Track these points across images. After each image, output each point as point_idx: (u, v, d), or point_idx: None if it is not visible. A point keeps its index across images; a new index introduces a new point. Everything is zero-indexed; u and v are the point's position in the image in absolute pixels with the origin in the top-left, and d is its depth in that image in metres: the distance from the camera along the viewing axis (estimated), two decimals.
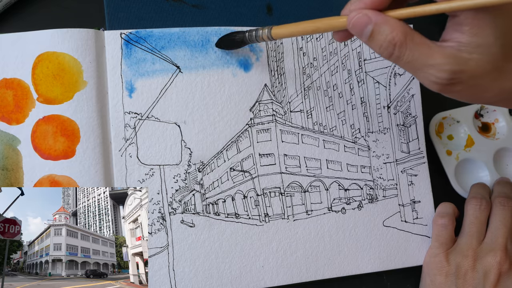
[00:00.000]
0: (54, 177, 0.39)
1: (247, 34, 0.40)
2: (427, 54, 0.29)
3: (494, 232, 0.43)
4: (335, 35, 0.34)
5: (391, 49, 0.30)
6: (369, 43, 0.31)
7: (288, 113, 0.45)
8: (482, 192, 0.47)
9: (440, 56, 0.29)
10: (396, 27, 0.29)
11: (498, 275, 0.42)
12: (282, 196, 0.44)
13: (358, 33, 0.31)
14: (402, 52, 0.30)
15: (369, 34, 0.30)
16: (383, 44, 0.30)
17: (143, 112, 0.41)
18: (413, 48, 0.29)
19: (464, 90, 0.30)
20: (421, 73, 0.30)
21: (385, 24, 0.30)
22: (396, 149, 0.48)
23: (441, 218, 0.45)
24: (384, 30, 0.30)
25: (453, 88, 0.30)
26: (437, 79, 0.30)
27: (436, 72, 0.29)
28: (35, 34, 0.40)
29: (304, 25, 0.35)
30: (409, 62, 0.30)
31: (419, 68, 0.30)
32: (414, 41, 0.29)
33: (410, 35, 0.29)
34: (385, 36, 0.30)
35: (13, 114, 0.39)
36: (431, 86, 0.31)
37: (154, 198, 0.41)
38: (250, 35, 0.40)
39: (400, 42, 0.29)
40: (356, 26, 0.30)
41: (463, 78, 0.29)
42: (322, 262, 0.44)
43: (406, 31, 0.29)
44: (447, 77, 0.29)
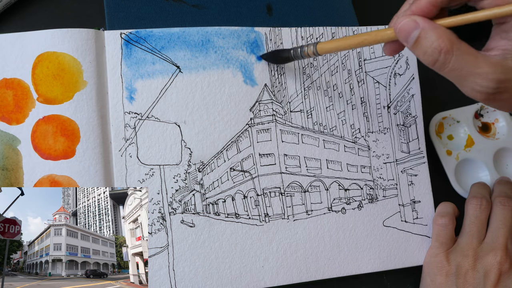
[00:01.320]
0: (54, 177, 0.39)
1: (292, 52, 0.41)
2: (473, 63, 0.29)
3: (495, 231, 0.43)
4: (385, 49, 0.34)
5: (436, 56, 0.30)
6: (414, 49, 0.31)
7: (288, 113, 0.45)
8: (483, 191, 0.47)
9: (486, 65, 0.29)
10: (443, 34, 0.30)
11: (498, 274, 0.42)
12: (282, 196, 0.44)
13: (404, 38, 0.31)
14: (448, 59, 0.30)
15: (415, 40, 0.30)
16: (428, 51, 0.30)
17: (143, 112, 0.41)
18: (459, 56, 0.29)
19: (509, 99, 0.30)
20: (465, 82, 0.30)
21: (432, 30, 0.30)
22: (396, 149, 0.48)
23: (441, 217, 0.45)
24: (431, 36, 0.30)
25: (498, 97, 0.30)
26: (482, 88, 0.30)
27: (482, 81, 0.29)
28: (35, 34, 0.40)
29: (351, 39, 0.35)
30: (454, 70, 0.30)
31: (464, 77, 0.30)
32: (461, 49, 0.30)
33: (457, 44, 0.30)
34: (431, 42, 0.30)
35: (13, 114, 0.39)
36: (475, 96, 0.31)
37: (154, 198, 0.41)
38: (295, 52, 0.40)
39: (446, 49, 0.29)
40: (403, 30, 0.31)
41: (508, 87, 0.29)
42: (322, 262, 0.44)
43: (452, 39, 0.30)
44: (493, 86, 0.29)
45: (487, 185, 0.48)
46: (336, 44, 0.36)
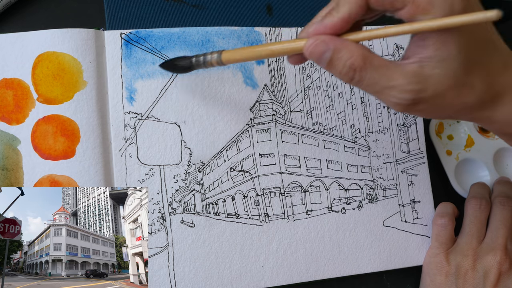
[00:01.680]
0: (54, 177, 0.39)
1: (194, 60, 0.37)
2: (387, 76, 0.29)
3: (494, 232, 0.43)
4: (289, 59, 0.33)
5: (351, 74, 0.29)
6: (329, 69, 0.30)
7: (288, 113, 0.45)
8: (482, 192, 0.47)
9: (400, 76, 0.28)
10: (355, 51, 0.29)
11: (498, 274, 0.42)
12: (282, 196, 0.44)
13: (317, 60, 0.30)
14: (363, 76, 0.29)
15: (328, 61, 0.30)
16: (343, 70, 0.29)
17: (143, 112, 0.41)
18: (372, 71, 0.29)
19: (427, 109, 0.30)
20: (383, 95, 0.30)
21: (344, 49, 0.29)
22: (396, 149, 0.48)
23: (441, 218, 0.45)
24: (343, 56, 0.29)
25: (416, 107, 0.30)
26: (399, 100, 0.29)
27: (398, 93, 0.29)
28: (35, 34, 0.40)
29: (259, 49, 0.33)
30: (370, 85, 0.30)
31: (380, 91, 0.30)
32: (373, 64, 0.29)
33: (369, 58, 0.29)
34: (344, 61, 0.29)
35: (13, 114, 0.39)
36: (394, 107, 0.30)
37: (154, 198, 0.41)
38: (197, 61, 0.37)
39: (360, 67, 0.29)
40: (314, 53, 0.30)
41: (425, 97, 0.29)
42: (322, 262, 0.44)
43: (364, 55, 0.29)
44: (410, 97, 0.29)
45: (487, 185, 0.48)
46: (242, 53, 0.34)
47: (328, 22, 0.29)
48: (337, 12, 0.29)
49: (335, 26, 0.29)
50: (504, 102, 0.31)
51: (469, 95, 0.30)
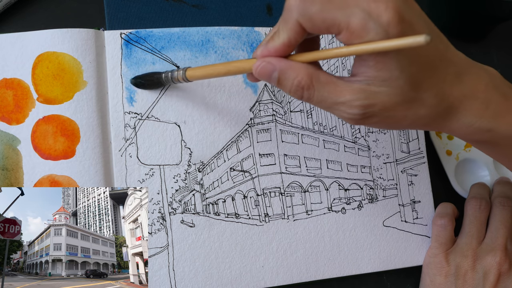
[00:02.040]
0: (54, 177, 0.39)
1: (163, 76, 0.39)
2: (335, 92, 0.29)
3: (494, 232, 0.43)
4: (249, 77, 0.34)
5: (300, 93, 0.30)
6: (280, 87, 0.31)
7: (288, 113, 0.45)
8: (482, 192, 0.47)
9: (348, 92, 0.29)
10: (301, 71, 0.29)
11: (498, 275, 0.42)
12: (282, 196, 0.44)
13: (267, 80, 0.31)
14: (311, 94, 0.30)
15: (276, 80, 0.30)
16: (292, 89, 0.30)
17: (143, 112, 0.41)
18: (320, 89, 0.30)
19: (379, 122, 0.30)
20: (333, 110, 0.30)
21: (289, 70, 0.30)
22: (396, 149, 0.48)
23: (441, 218, 0.45)
24: (289, 75, 0.30)
25: (367, 121, 0.30)
26: (349, 115, 0.30)
27: (347, 109, 0.29)
28: (35, 34, 0.40)
29: (217, 67, 0.35)
30: (319, 102, 0.30)
31: (330, 107, 0.30)
32: (320, 82, 0.29)
33: (316, 76, 0.29)
34: (291, 81, 0.30)
35: (13, 114, 0.39)
36: (347, 121, 0.31)
37: (154, 198, 0.41)
38: (166, 77, 0.39)
39: (307, 85, 0.29)
40: (262, 74, 0.31)
41: (375, 111, 0.29)
42: (322, 262, 0.44)
43: (310, 73, 0.29)
44: (359, 112, 0.29)
45: (487, 186, 0.48)
46: (204, 71, 0.36)
47: (271, 47, 0.30)
48: (278, 38, 0.30)
49: (278, 50, 0.30)
50: (459, 112, 0.31)
51: (420, 109, 0.30)
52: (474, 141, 0.35)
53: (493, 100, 0.31)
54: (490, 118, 0.31)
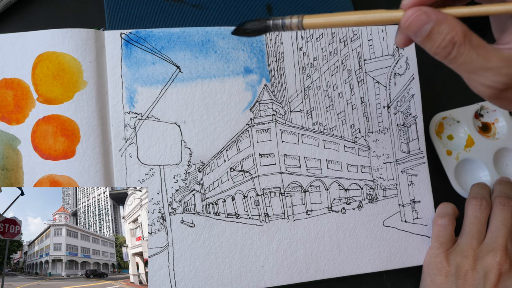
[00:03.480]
0: (54, 177, 0.39)
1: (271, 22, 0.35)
2: (484, 57, 0.28)
3: (494, 232, 0.43)
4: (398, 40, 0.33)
5: (449, 49, 0.29)
6: (425, 42, 0.30)
7: (288, 113, 0.45)
8: (482, 192, 0.47)
9: (498, 59, 0.28)
10: (456, 26, 0.29)
11: (498, 275, 0.42)
12: (282, 196, 0.44)
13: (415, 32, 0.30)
14: (460, 52, 0.29)
15: (427, 33, 0.29)
16: (442, 44, 0.29)
17: (143, 112, 0.41)
18: (471, 50, 0.29)
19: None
20: (475, 76, 0.29)
21: (445, 23, 0.29)
22: (396, 149, 0.48)
23: (441, 218, 0.45)
24: (443, 29, 0.29)
25: (506, 93, 0.29)
26: (492, 83, 0.29)
27: (492, 76, 0.28)
28: (35, 34, 0.40)
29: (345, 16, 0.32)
30: (465, 63, 0.29)
31: (474, 71, 0.29)
32: (473, 43, 0.29)
33: (469, 36, 0.29)
34: (444, 35, 0.29)
35: (13, 114, 0.39)
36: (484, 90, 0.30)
37: (154, 198, 0.41)
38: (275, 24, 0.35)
39: (460, 42, 0.29)
40: (414, 24, 0.29)
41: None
42: (322, 262, 0.44)
43: (465, 31, 0.29)
44: (504, 81, 0.28)
45: (487, 186, 0.48)
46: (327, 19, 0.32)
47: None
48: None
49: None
50: None
51: None
52: None
53: None
54: None
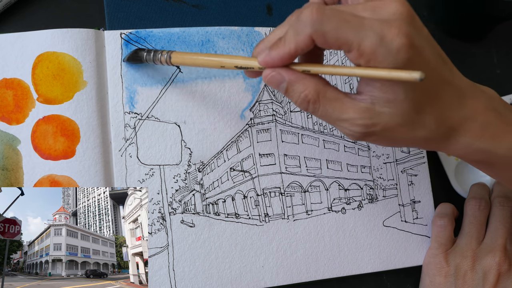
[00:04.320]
0: (54, 177, 0.39)
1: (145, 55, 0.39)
2: (340, 109, 0.30)
3: (494, 232, 0.43)
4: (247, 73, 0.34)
5: (305, 105, 0.31)
6: (287, 97, 0.32)
7: (288, 113, 0.45)
8: (482, 192, 0.46)
9: (353, 111, 0.30)
10: (309, 85, 0.30)
11: (497, 275, 0.42)
12: (282, 196, 0.44)
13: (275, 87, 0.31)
14: (316, 108, 0.31)
15: (284, 91, 0.31)
16: (298, 101, 0.31)
17: (143, 112, 0.41)
18: (326, 104, 0.30)
19: (379, 140, 0.32)
20: (336, 125, 0.31)
21: (298, 83, 0.30)
22: (396, 149, 0.48)
23: (440, 219, 0.45)
24: (297, 88, 0.30)
25: (367, 138, 0.31)
26: (350, 132, 0.31)
27: (350, 126, 0.30)
28: (35, 34, 0.40)
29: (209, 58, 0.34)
30: (323, 116, 0.31)
31: (334, 122, 0.31)
32: (327, 97, 0.30)
33: (323, 92, 0.30)
34: (298, 93, 0.30)
35: (13, 114, 0.39)
36: (348, 137, 0.32)
37: (154, 198, 0.41)
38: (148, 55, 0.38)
39: (314, 100, 0.30)
40: (272, 82, 0.31)
41: (376, 131, 0.30)
42: (322, 262, 0.44)
43: (318, 89, 0.30)
44: (360, 130, 0.30)
45: (487, 186, 0.48)
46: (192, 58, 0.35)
47: (276, 55, 0.30)
48: (284, 46, 0.29)
49: (283, 59, 0.30)
50: (458, 134, 0.32)
51: (421, 131, 0.31)
52: (473, 161, 0.35)
53: (492, 122, 0.32)
54: (488, 140, 0.32)
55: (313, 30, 0.28)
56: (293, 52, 0.29)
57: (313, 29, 0.28)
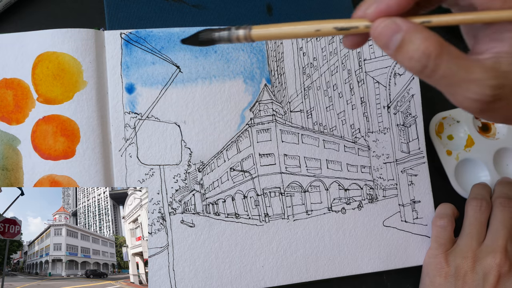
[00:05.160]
0: (54, 177, 0.39)
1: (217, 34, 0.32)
2: (466, 68, 0.26)
3: (494, 233, 0.43)
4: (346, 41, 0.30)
5: (424, 61, 0.26)
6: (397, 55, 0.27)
7: (288, 113, 0.45)
8: (483, 192, 0.46)
9: (480, 70, 0.26)
10: (430, 36, 0.26)
11: (497, 277, 0.41)
12: (282, 196, 0.44)
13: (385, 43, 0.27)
14: (438, 64, 0.26)
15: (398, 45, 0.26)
16: (415, 56, 0.26)
17: (143, 112, 0.41)
18: (450, 61, 0.26)
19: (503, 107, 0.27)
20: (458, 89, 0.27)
21: (418, 33, 0.26)
22: (396, 149, 0.48)
23: (440, 219, 0.45)
24: (416, 39, 0.26)
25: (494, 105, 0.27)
26: (478, 96, 0.26)
27: (478, 88, 0.26)
28: (35, 34, 0.40)
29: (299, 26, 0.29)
30: (445, 76, 0.26)
31: (457, 84, 0.26)
32: (451, 54, 0.26)
33: (446, 47, 0.26)
34: (417, 46, 0.26)
35: (13, 114, 0.39)
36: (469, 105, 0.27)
37: (154, 198, 0.41)
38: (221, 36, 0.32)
39: (436, 53, 0.26)
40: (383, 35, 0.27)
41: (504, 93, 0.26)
42: (322, 262, 0.44)
43: (441, 42, 0.26)
44: (490, 93, 0.26)
45: (488, 186, 0.48)
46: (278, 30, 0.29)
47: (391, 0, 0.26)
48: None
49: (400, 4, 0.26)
50: None
51: None
52: None
53: None
54: None
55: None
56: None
57: None
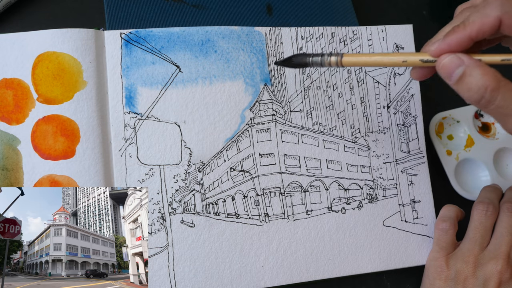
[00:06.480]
0: (54, 177, 0.39)
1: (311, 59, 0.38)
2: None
3: (498, 239, 0.42)
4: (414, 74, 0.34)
5: (481, 93, 0.30)
6: (457, 86, 0.31)
7: (288, 113, 0.45)
8: (491, 196, 0.45)
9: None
10: (488, 72, 0.30)
11: (498, 283, 0.40)
12: (282, 196, 0.44)
13: (447, 75, 0.31)
14: (494, 97, 0.30)
15: (459, 77, 0.30)
16: (474, 88, 0.30)
17: (143, 112, 0.41)
18: (505, 94, 0.29)
19: None
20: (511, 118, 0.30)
21: (478, 68, 0.30)
22: (396, 149, 0.48)
23: (443, 222, 0.44)
24: (476, 74, 0.30)
25: None
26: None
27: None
28: (35, 34, 0.40)
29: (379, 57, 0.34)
30: (500, 107, 0.30)
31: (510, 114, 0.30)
32: (507, 87, 0.30)
33: (503, 81, 0.30)
34: (476, 80, 0.30)
35: (13, 114, 0.39)
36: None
37: (154, 198, 0.41)
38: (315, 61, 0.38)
39: (492, 87, 0.29)
40: (446, 67, 0.31)
41: None
42: (322, 262, 0.44)
43: (498, 77, 0.30)
44: None
45: (499, 190, 0.46)
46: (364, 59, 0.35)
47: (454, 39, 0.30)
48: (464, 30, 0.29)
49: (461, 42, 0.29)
50: None
51: None
52: None
53: None
54: None
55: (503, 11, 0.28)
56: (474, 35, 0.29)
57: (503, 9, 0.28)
